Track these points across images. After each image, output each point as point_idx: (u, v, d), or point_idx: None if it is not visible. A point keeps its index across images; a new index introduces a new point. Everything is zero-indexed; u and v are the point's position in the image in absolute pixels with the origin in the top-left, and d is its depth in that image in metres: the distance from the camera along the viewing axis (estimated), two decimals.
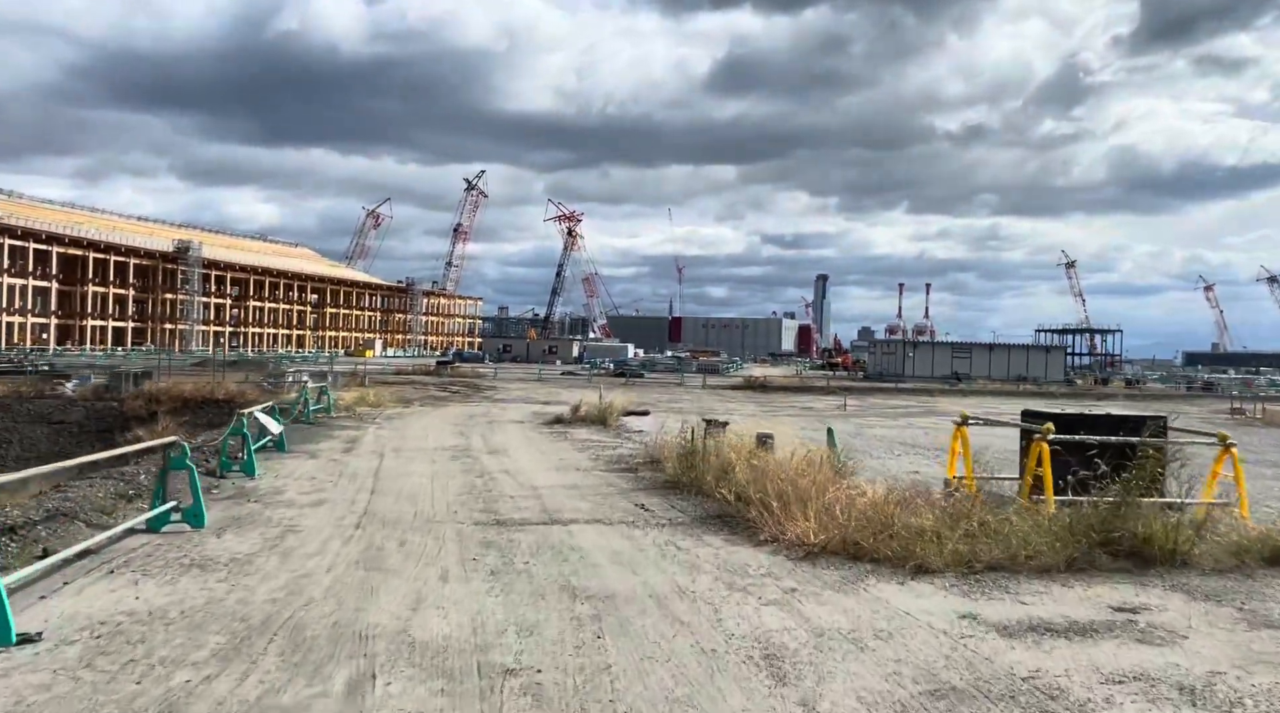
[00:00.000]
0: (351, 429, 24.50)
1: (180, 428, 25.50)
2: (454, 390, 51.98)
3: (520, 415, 30.71)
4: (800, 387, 62.86)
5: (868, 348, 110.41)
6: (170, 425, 25.60)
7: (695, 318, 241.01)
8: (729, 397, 54.31)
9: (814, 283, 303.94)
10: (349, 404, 33.03)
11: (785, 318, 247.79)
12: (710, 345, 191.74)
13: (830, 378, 76.63)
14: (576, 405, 27.83)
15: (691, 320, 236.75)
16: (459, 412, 33.00)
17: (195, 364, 76.00)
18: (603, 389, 59.63)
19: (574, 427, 25.69)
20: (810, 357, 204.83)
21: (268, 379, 36.39)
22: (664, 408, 39.52)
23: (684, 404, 43.93)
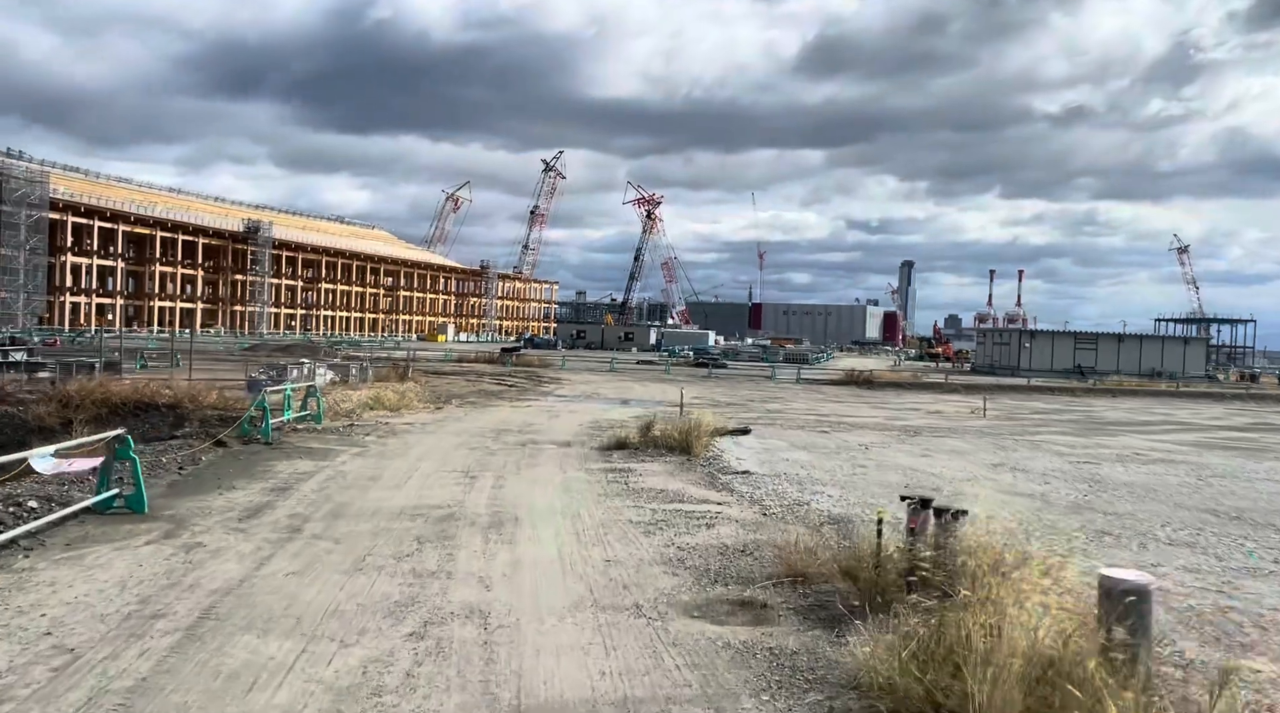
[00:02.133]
0: (308, 460, 15.88)
1: None
2: (509, 384, 43.47)
3: (572, 431, 21.73)
4: (912, 383, 52.64)
5: (974, 337, 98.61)
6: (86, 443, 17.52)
7: (776, 304, 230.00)
8: (832, 395, 44.62)
9: (899, 269, 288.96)
10: (353, 409, 24.57)
11: (869, 305, 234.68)
12: (791, 333, 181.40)
13: (947, 372, 65.97)
14: (648, 424, 18.71)
15: (772, 307, 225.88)
16: (495, 421, 24.22)
17: (247, 349, 69.50)
18: (683, 386, 50.58)
19: (643, 460, 16.54)
20: (896, 345, 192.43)
21: (269, 372, 28.44)
22: (763, 415, 30.17)
23: (786, 409, 34.48)
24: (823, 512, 11.64)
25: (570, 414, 28.12)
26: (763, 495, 12.85)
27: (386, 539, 9.95)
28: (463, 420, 24.04)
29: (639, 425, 18.84)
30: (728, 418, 24.75)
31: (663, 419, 20.62)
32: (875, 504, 10.97)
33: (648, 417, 27.99)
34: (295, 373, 28.68)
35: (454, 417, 25.33)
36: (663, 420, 19.87)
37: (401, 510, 11.56)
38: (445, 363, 59.66)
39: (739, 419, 28.77)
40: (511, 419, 24.78)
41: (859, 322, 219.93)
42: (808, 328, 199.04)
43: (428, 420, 23.66)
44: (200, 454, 15.77)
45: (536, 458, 16.75)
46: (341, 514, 11.30)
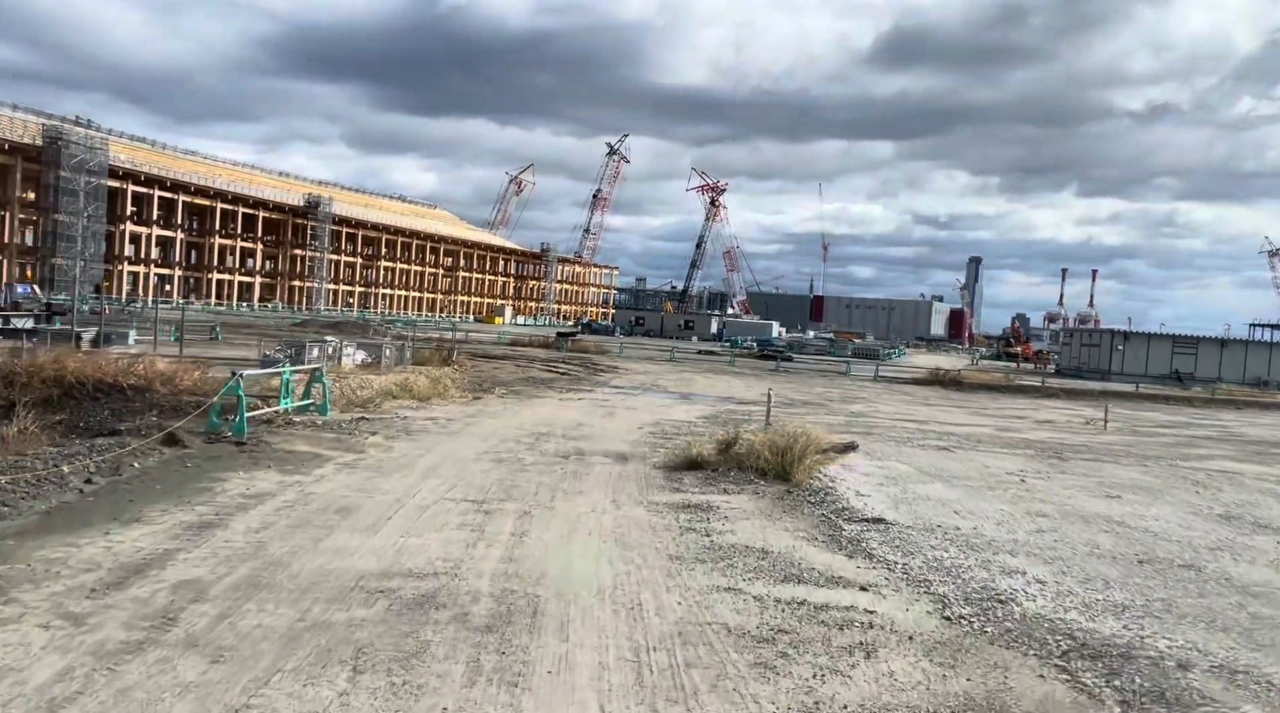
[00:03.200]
0: (277, 471, 11.62)
1: (37, 435, 13.46)
2: (561, 372, 39.19)
3: (630, 437, 17.19)
4: (1004, 385, 47.02)
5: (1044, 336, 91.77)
6: (28, 428, 13.64)
7: (838, 297, 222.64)
8: (920, 397, 39.44)
9: (966, 266, 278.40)
10: (371, 397, 20.43)
11: (935, 301, 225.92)
12: (853, 327, 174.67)
13: (1033, 374, 59.92)
14: (730, 441, 14.04)
15: (834, 300, 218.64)
16: (537, 419, 19.82)
17: (297, 325, 66.47)
18: (751, 379, 45.76)
19: (725, 489, 11.89)
20: (963, 343, 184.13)
21: (287, 350, 24.49)
22: (850, 420, 25.37)
23: (873, 411, 29.57)
24: (1052, 622, 6.90)
25: (627, 412, 23.64)
26: (924, 572, 8.16)
27: (301, 659, 5.53)
28: (499, 416, 19.68)
29: (715, 446, 14.17)
30: (821, 427, 20.00)
31: (742, 424, 16.01)
32: (1128, 605, 6.29)
33: (718, 417, 23.44)
34: (315, 352, 24.69)
35: (490, 410, 21.00)
36: (744, 427, 15.23)
37: (359, 581, 7.16)
38: (497, 346, 55.70)
39: (824, 425, 24.02)
40: (557, 417, 20.35)
41: (924, 318, 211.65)
42: (870, 322, 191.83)
43: (457, 415, 19.36)
44: (132, 458, 11.62)
45: (581, 479, 12.26)
46: (262, 585, 6.94)
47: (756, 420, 23.47)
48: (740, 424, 21.45)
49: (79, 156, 73.16)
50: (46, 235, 73.12)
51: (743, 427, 19.64)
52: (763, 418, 25.22)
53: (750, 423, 22.24)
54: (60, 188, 72.16)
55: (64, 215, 72.63)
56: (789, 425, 14.94)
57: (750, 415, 25.97)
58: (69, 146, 72.50)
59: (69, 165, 72.42)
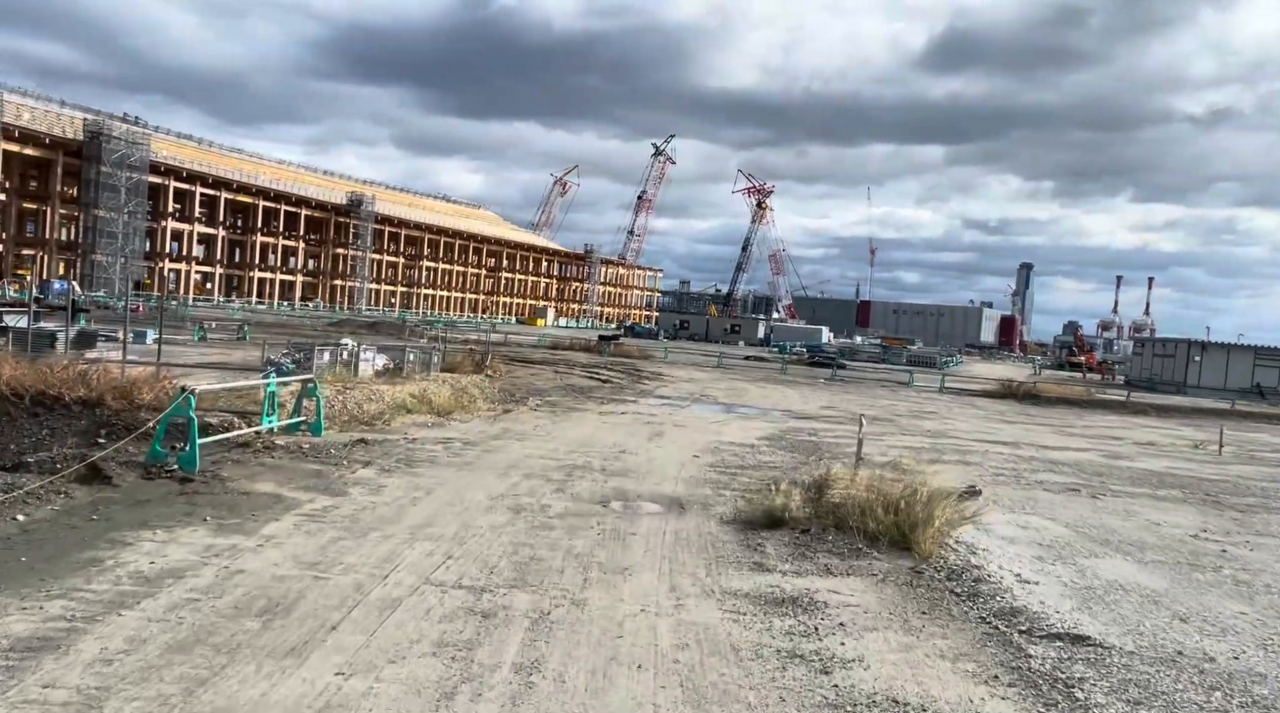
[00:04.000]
0: (211, 529, 8.36)
1: None
2: (603, 380, 35.84)
3: (684, 471, 13.67)
4: (1085, 400, 42.66)
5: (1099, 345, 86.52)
6: None
7: (885, 303, 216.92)
8: (995, 412, 35.42)
9: (1016, 272, 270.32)
10: (381, 411, 17.27)
11: (985, 307, 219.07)
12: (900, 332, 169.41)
13: (1113, 387, 55.25)
14: (821, 485, 10.50)
15: (881, 305, 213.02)
16: (572, 442, 16.43)
17: (333, 324, 64.06)
18: (807, 390, 41.87)
19: (827, 564, 8.35)
20: (1014, 350, 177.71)
21: (295, 353, 21.47)
22: (934, 444, 21.67)
23: (950, 430, 25.81)
24: None
25: (677, 430, 20.18)
26: None
27: None
28: (527, 438, 16.33)
29: (785, 464, 10.64)
30: (924, 460, 16.36)
31: (818, 452, 12.48)
32: None
33: (783, 438, 19.77)
34: (326, 357, 21.60)
35: (518, 429, 17.68)
36: (824, 458, 11.70)
37: None
38: (537, 349, 52.59)
39: (904, 447, 20.35)
40: (596, 439, 16.93)
41: (973, 324, 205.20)
42: (918, 328, 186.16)
43: (478, 435, 16.06)
44: (22, 505, 8.47)
45: (625, 544, 8.84)
46: None
47: (830, 444, 19.89)
48: (815, 452, 17.91)
49: (120, 152, 71.68)
50: (87, 231, 71.74)
51: (823, 459, 16.13)
52: (836, 439, 21.65)
53: (822, 448, 18.69)
54: (101, 183, 70.75)
55: (105, 211, 71.21)
56: (904, 460, 11.32)
57: (819, 435, 22.41)
58: (110, 141, 71.05)
59: (110, 161, 70.98)
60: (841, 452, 18.37)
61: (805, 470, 14.56)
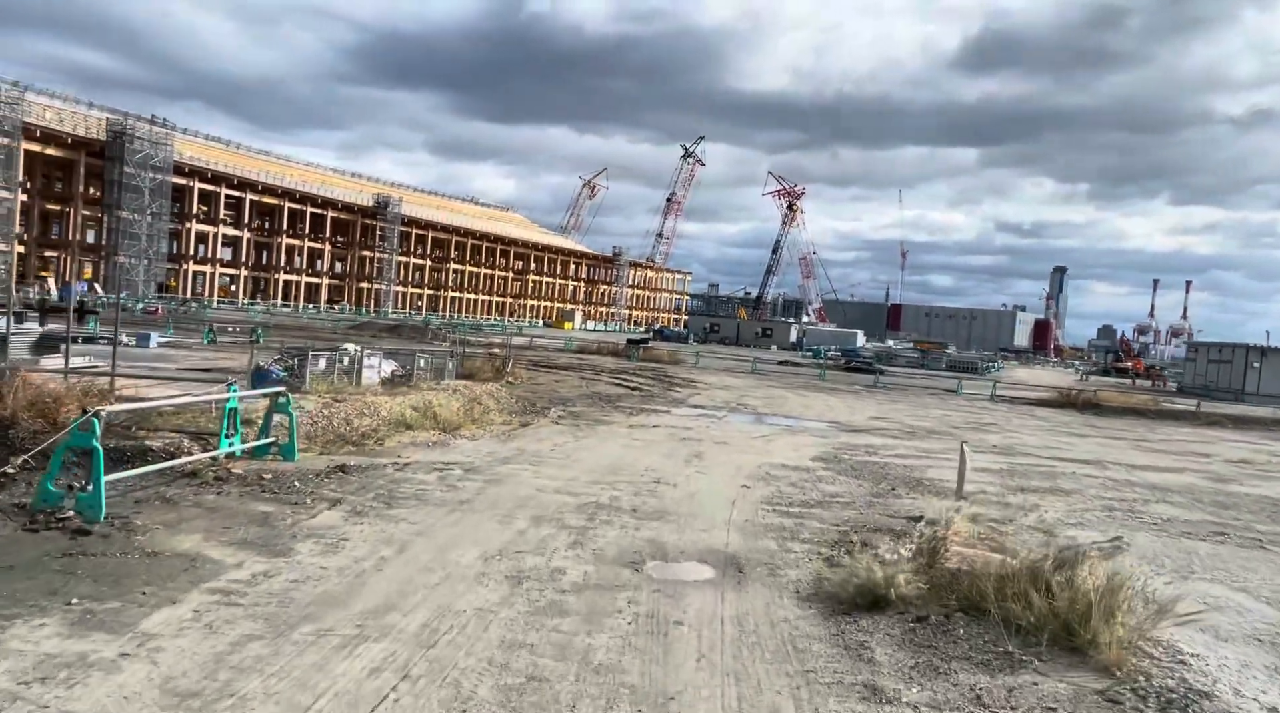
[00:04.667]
0: (87, 617, 5.71)
1: None
2: (632, 387, 33.05)
3: (735, 509, 10.79)
4: (1150, 409, 39.20)
5: (1185, 353, 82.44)
6: None
7: (917, 306, 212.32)
8: (1059, 423, 32.19)
9: (1050, 276, 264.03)
10: (375, 427, 14.64)
11: (1018, 311, 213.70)
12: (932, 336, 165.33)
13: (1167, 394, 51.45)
14: (932, 548, 7.62)
15: (913, 308, 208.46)
16: (596, 467, 13.64)
17: (353, 327, 61.84)
18: (850, 398, 38.72)
19: (973, 691, 5.58)
20: (1048, 354, 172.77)
21: (289, 359, 18.87)
22: (1015, 468, 18.65)
23: (1019, 446, 22.73)
24: None
25: (718, 448, 17.34)
26: None
27: None
28: (543, 461, 13.56)
29: (857, 497, 7.78)
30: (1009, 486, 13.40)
31: (898, 488, 9.62)
32: None
33: (839, 458, 16.76)
34: (322, 363, 18.99)
35: (533, 449, 14.94)
36: (915, 494, 8.83)
37: None
38: (563, 353, 49.95)
39: (977, 469, 17.36)
40: (624, 463, 14.12)
41: (1007, 328, 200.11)
42: (950, 332, 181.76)
43: (485, 459, 13.31)
44: None
45: (666, 649, 5.99)
46: None
47: (898, 466, 16.94)
48: (884, 478, 14.98)
49: (143, 152, 70.09)
50: (110, 233, 70.19)
51: (896, 487, 13.23)
52: (901, 459, 18.65)
53: (890, 473, 15.74)
54: (124, 184, 69.18)
55: (128, 212, 69.64)
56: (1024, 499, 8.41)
57: (878, 454, 19.46)
58: (133, 141, 69.46)
59: (133, 161, 69.39)
60: (913, 478, 15.44)
61: (883, 507, 11.67)
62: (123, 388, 13.98)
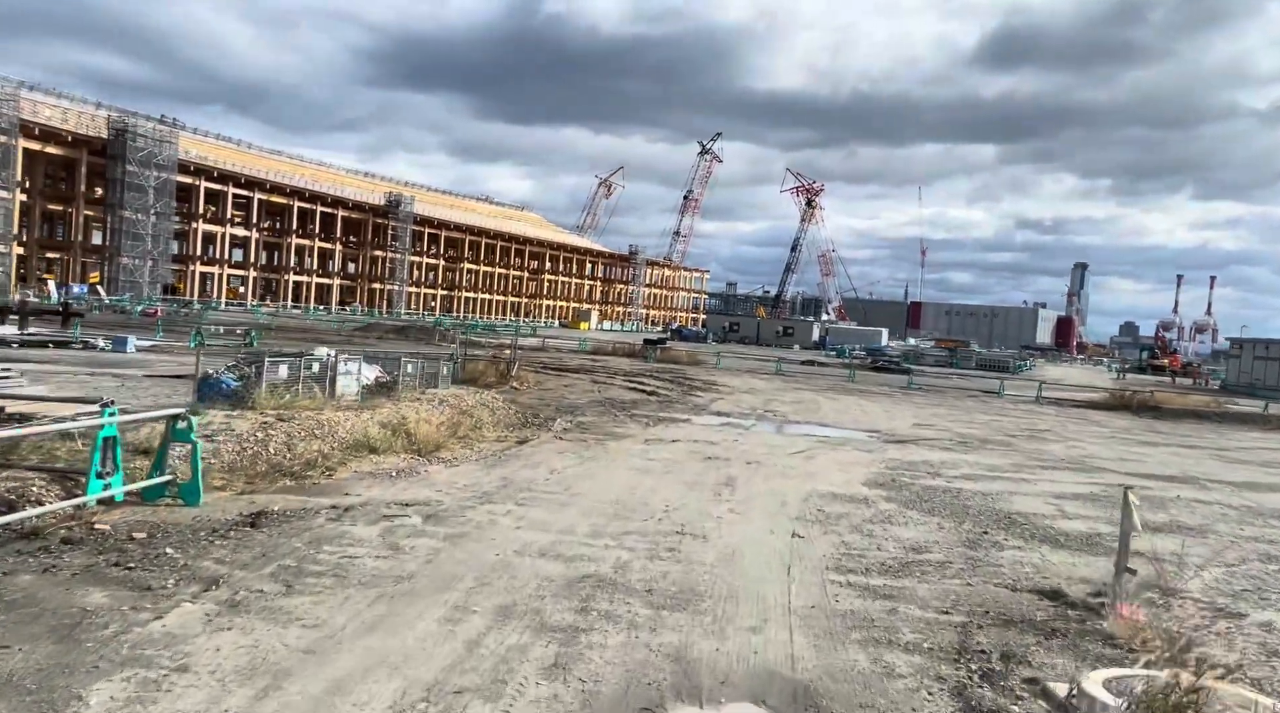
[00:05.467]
0: None
1: None
2: (648, 391, 29.88)
3: (795, 578, 7.65)
4: (1215, 412, 35.60)
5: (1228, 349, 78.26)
6: None
7: (937, 304, 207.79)
8: (1120, 429, 28.76)
9: (1071, 272, 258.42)
10: (327, 453, 11.58)
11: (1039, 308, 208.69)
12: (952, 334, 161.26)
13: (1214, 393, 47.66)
14: (1181, 704, 4.48)
15: (933, 306, 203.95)
16: (601, 503, 10.48)
17: (360, 329, 59.05)
18: (885, 401, 35.27)
19: None
20: (1071, 351, 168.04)
21: (245, 366, 15.86)
22: (1105, 494, 15.18)
23: (1092, 459, 19.36)
24: None
25: (750, 471, 14.16)
26: None
27: None
28: (533, 498, 10.44)
29: (965, 561, 4.91)
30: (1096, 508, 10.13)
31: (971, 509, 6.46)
32: None
33: (898, 482, 13.46)
34: (283, 370, 15.94)
35: (524, 479, 11.83)
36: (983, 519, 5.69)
37: None
38: (576, 355, 46.88)
39: (1057, 494, 14.10)
40: (637, 497, 10.97)
41: (1029, 325, 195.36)
42: (971, 330, 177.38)
43: (457, 496, 10.20)
44: None
45: None
46: None
47: (971, 494, 13.65)
48: (965, 514, 11.74)
49: (146, 150, 67.62)
50: (114, 233, 67.76)
51: (987, 529, 10.02)
52: (970, 481, 15.31)
53: (967, 504, 12.49)
54: (127, 183, 66.74)
55: (131, 212, 67.20)
56: None
57: (942, 474, 16.22)
58: (136, 139, 67.01)
59: (136, 159, 66.93)
60: (1000, 512, 12.20)
61: (991, 569, 8.46)
62: (21, 406, 11.00)
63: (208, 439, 10.70)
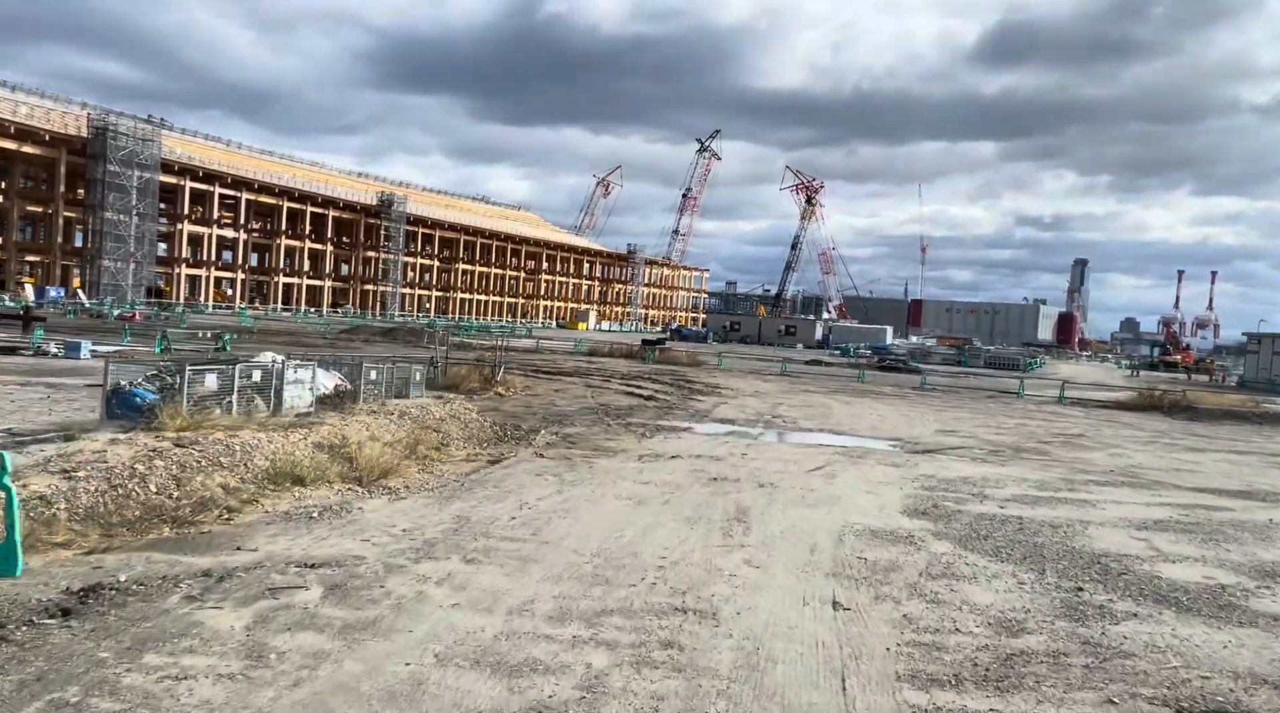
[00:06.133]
0: None
1: None
2: (645, 396, 27.30)
3: (853, 694, 5.15)
4: (1253, 412, 33.00)
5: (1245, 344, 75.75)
6: None
7: (937, 301, 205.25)
8: (1162, 433, 26.23)
9: (1071, 268, 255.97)
10: (235, 489, 9.00)
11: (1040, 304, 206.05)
12: (954, 331, 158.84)
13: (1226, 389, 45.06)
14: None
15: (933, 304, 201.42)
16: (581, 562, 7.92)
17: (345, 332, 56.48)
18: (900, 403, 32.49)
19: None
20: (1073, 348, 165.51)
21: (164, 376, 13.38)
22: (1176, 511, 12.72)
23: (1150, 475, 16.79)
24: None
25: (766, 498, 11.60)
26: None
27: None
28: (486, 555, 7.90)
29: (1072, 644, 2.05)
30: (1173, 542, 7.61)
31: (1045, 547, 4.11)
32: None
33: (942, 510, 10.86)
34: (211, 380, 13.40)
35: (483, 517, 9.30)
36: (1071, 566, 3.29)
37: None
38: (571, 356, 44.30)
39: (1130, 519, 11.57)
40: (624, 546, 8.43)
41: (1030, 322, 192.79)
42: (972, 327, 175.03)
43: (384, 553, 7.66)
44: None
45: None
46: None
47: (1036, 524, 11.01)
48: (1039, 555, 9.17)
49: (128, 148, 65.00)
50: (95, 234, 65.14)
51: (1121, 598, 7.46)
52: (1027, 504, 12.54)
53: (1036, 537, 9.93)
54: (108, 183, 64.05)
55: (113, 213, 64.55)
56: None
57: (988, 494, 13.67)
58: (117, 138, 64.39)
59: (117, 158, 64.29)
60: (1083, 553, 9.65)
61: (1118, 665, 5.91)
62: None
63: (66, 476, 8.16)
